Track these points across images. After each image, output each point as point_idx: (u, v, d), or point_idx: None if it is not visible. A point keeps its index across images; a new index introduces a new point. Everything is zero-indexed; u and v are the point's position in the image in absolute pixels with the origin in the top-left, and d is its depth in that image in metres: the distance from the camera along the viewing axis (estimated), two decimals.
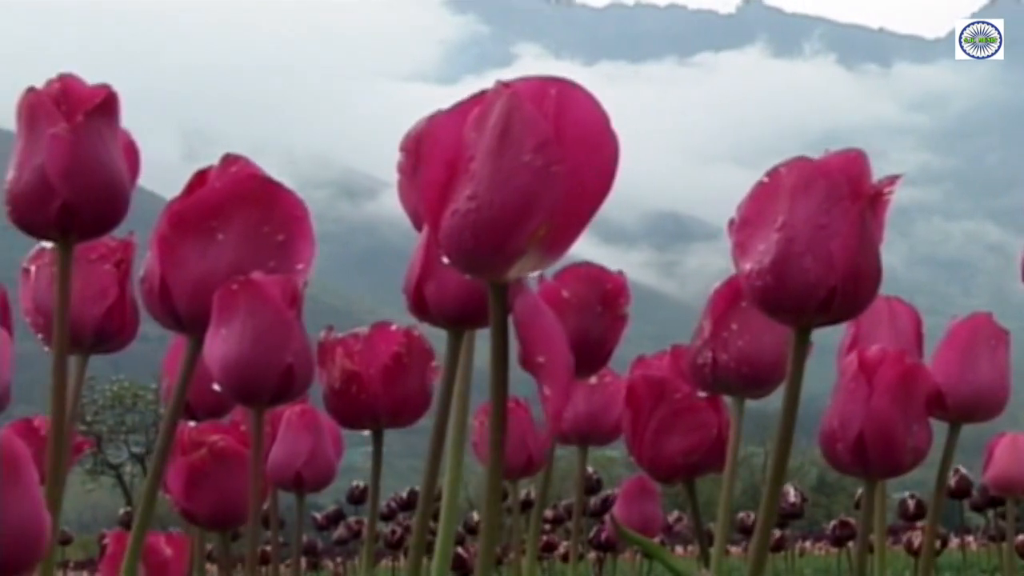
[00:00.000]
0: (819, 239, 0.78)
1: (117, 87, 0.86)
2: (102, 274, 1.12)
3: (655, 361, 1.24)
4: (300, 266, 0.87)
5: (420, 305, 0.89)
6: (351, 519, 5.15)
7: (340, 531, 5.06)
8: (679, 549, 7.53)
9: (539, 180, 0.66)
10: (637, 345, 1.63)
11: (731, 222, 0.82)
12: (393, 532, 4.93)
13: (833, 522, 5.22)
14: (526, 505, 2.16)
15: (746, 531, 4.67)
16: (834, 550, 5.67)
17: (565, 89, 0.68)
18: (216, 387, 0.86)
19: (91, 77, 0.87)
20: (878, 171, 0.80)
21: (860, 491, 5.34)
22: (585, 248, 0.76)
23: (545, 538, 5.17)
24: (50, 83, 0.87)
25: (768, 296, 0.79)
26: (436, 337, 1.01)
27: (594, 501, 4.47)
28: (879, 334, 1.10)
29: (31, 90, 0.87)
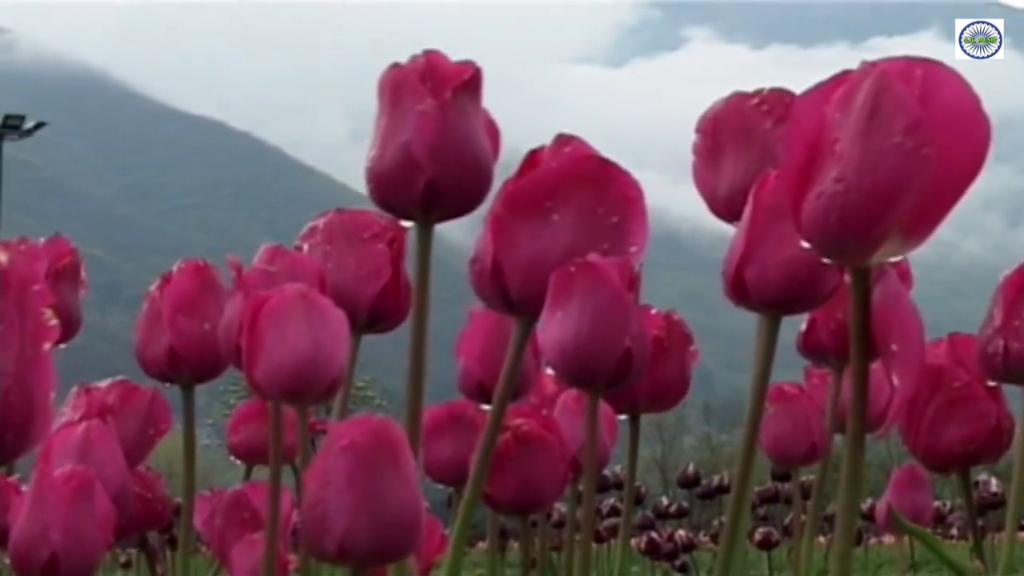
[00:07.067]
0: None
1: (285, 67, 0.86)
2: (376, 254, 1.10)
3: (931, 348, 1.21)
4: (634, 248, 0.86)
5: (740, 289, 0.87)
6: None
7: None
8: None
9: (909, 163, 0.65)
10: None
11: None
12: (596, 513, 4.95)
13: None
14: (807, 492, 2.13)
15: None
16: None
17: (932, 70, 0.66)
18: (549, 371, 0.85)
19: (260, 58, 0.87)
20: None
21: None
22: None
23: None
24: (415, 59, 0.86)
25: None
26: None
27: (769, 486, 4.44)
28: None
29: (395, 66, 0.86)
